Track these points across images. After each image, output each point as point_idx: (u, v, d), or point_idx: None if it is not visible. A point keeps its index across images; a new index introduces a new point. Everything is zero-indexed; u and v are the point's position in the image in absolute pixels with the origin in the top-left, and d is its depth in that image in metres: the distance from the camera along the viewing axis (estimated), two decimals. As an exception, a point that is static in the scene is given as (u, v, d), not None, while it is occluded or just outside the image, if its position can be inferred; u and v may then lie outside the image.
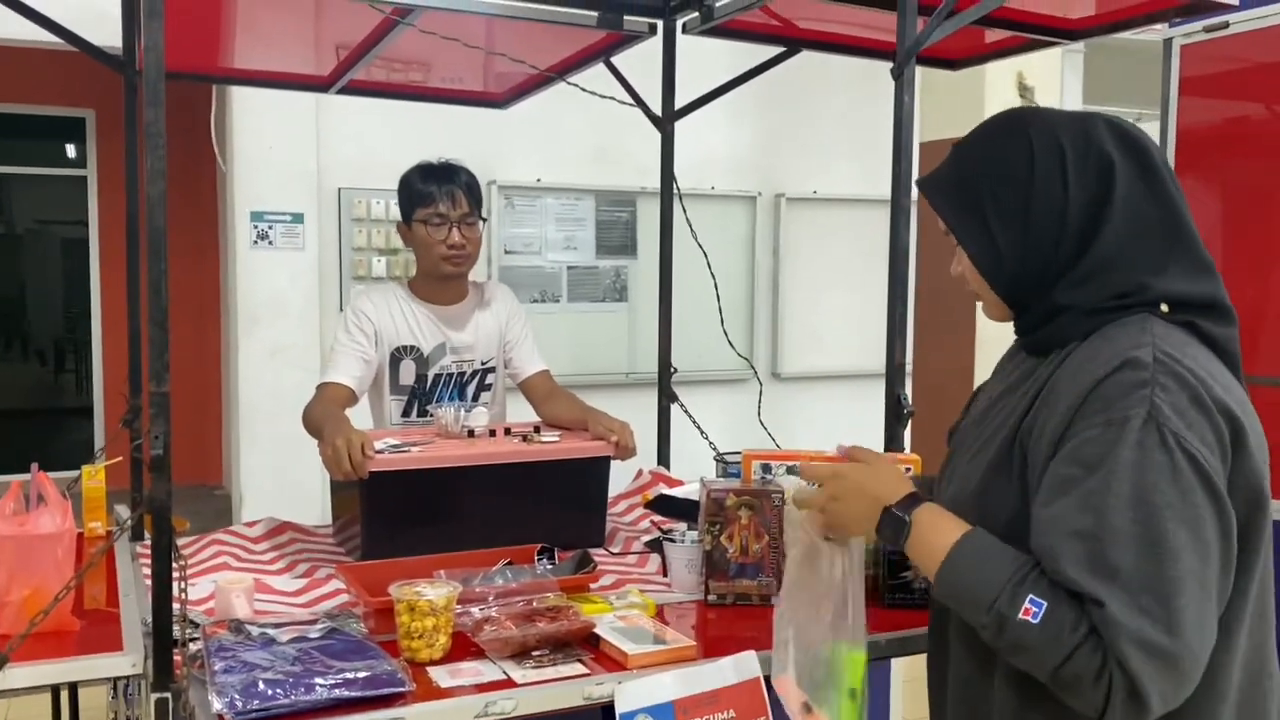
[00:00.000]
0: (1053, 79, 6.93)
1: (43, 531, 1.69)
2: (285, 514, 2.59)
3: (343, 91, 3.30)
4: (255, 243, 5.55)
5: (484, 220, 2.67)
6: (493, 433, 2.43)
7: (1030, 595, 1.14)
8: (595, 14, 2.62)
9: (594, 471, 2.40)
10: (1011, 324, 1.38)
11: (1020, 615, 1.14)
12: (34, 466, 1.84)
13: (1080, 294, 1.25)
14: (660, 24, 2.80)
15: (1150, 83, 3.44)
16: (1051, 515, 1.16)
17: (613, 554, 2.34)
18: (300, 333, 5.69)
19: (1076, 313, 1.25)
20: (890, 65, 2.09)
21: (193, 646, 1.56)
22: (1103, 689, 1.10)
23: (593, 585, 1.97)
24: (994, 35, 2.89)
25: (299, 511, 2.67)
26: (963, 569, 1.21)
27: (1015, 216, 1.27)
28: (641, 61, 2.90)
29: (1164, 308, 1.22)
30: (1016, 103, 7.26)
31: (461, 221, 2.57)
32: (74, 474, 2.40)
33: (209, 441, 7.22)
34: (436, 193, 2.56)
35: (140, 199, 2.59)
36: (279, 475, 5.53)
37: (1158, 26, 3.00)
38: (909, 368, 3.58)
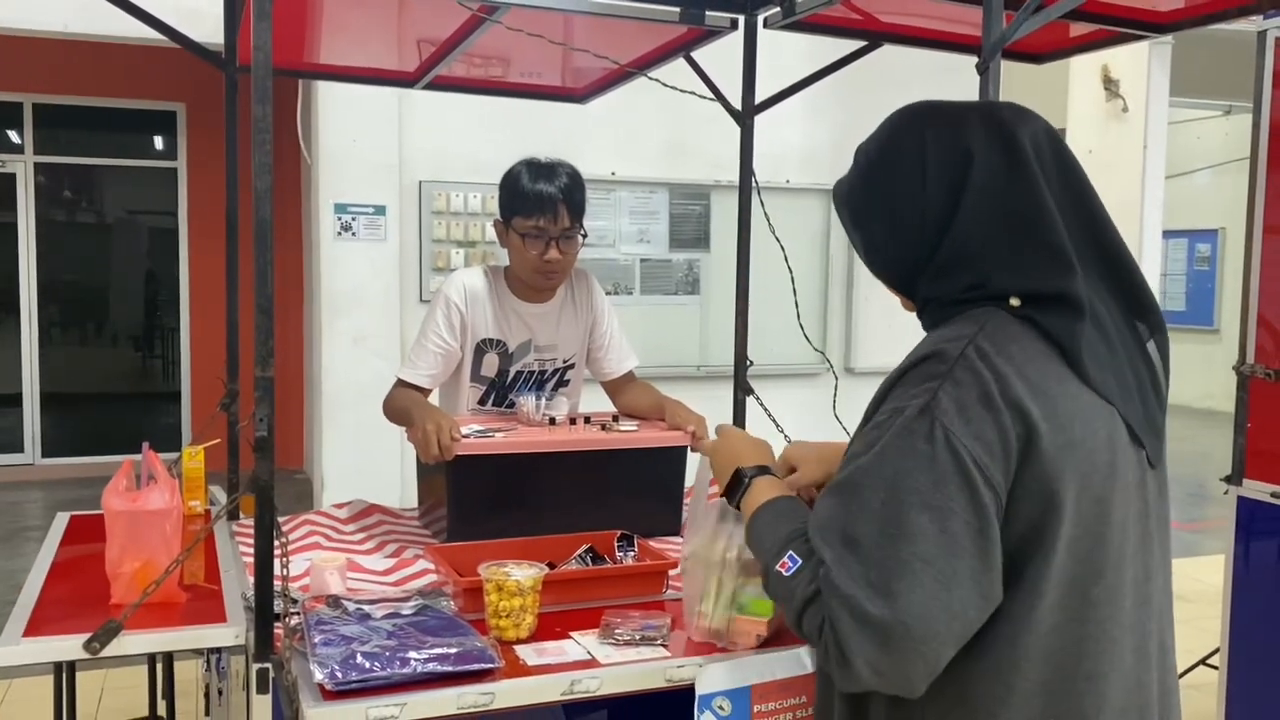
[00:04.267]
0: (1139, 71, 6.78)
1: (153, 508, 1.78)
2: (364, 498, 2.66)
3: (427, 87, 3.37)
4: (339, 234, 5.70)
5: (584, 235, 2.58)
6: (573, 421, 2.48)
7: (790, 552, 1.25)
8: (678, 9, 2.64)
9: (670, 460, 2.44)
10: None
11: (777, 567, 1.26)
12: (145, 446, 1.94)
13: (937, 287, 1.27)
14: (742, 19, 2.82)
15: (1240, 75, 3.36)
16: (828, 486, 1.24)
17: (690, 542, 2.37)
18: (381, 322, 5.83)
19: (936, 305, 1.28)
20: (971, 58, 2.09)
21: (293, 620, 1.63)
22: (823, 646, 1.17)
23: (671, 573, 2.02)
24: (1079, 29, 2.85)
25: (377, 496, 2.74)
26: (760, 524, 1.37)
27: (884, 211, 1.30)
28: (717, 55, 2.91)
29: (1014, 301, 1.22)
30: (1102, 95, 7.12)
31: (561, 237, 2.50)
32: (164, 456, 2.50)
33: (290, 427, 7.42)
34: (538, 205, 2.47)
35: (239, 191, 2.71)
36: (358, 460, 5.68)
37: (1251, 18, 2.93)
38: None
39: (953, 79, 3.86)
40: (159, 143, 8.28)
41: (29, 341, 7.97)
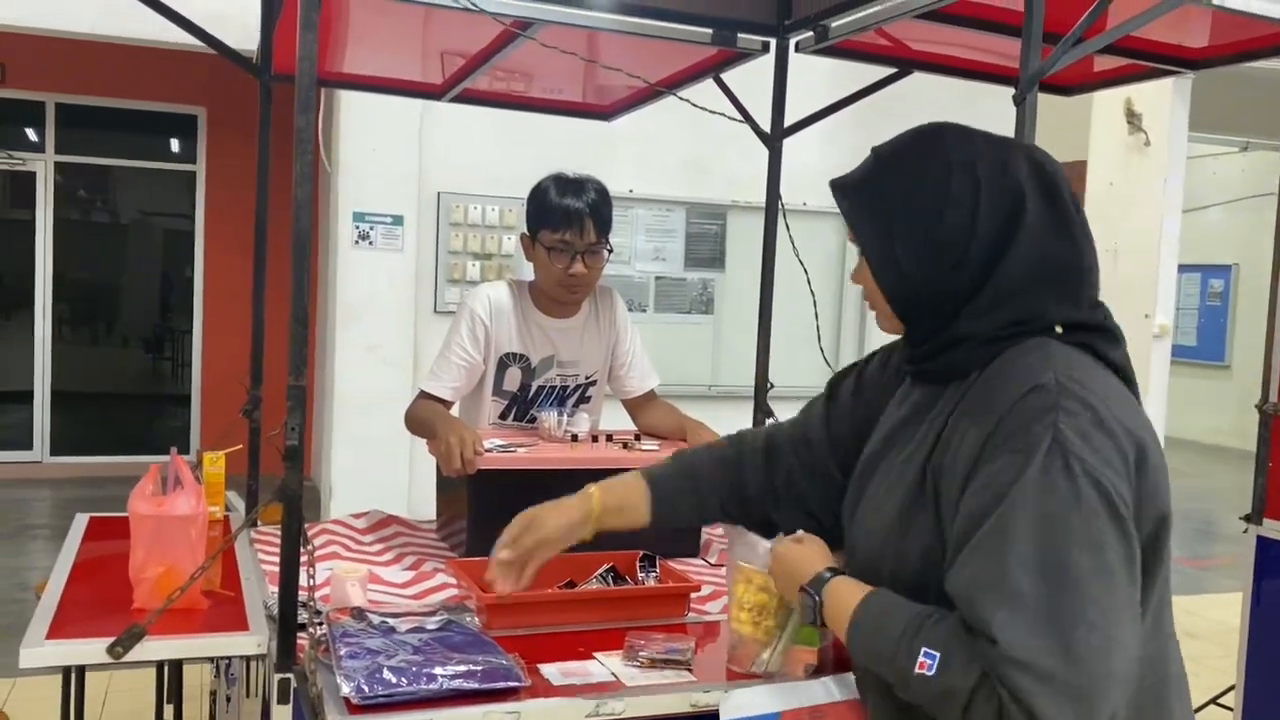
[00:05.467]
0: (1163, 105, 6.79)
1: (179, 513, 1.78)
2: (371, 507, 2.65)
3: (454, 100, 3.39)
4: (356, 242, 5.72)
5: (610, 250, 2.59)
6: (595, 438, 2.47)
7: (923, 648, 1.16)
8: (710, 31, 2.65)
9: (692, 482, 2.43)
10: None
11: (917, 670, 1.16)
12: (173, 451, 1.94)
13: (980, 323, 1.26)
14: (774, 42, 2.83)
15: (1259, 111, 3.37)
16: (964, 551, 1.16)
17: (710, 565, 2.37)
18: (394, 332, 5.83)
19: (974, 342, 1.26)
20: (1002, 89, 2.09)
21: (317, 631, 1.63)
22: (1008, 714, 1.09)
23: (692, 595, 2.01)
24: (1106, 62, 2.86)
25: (385, 505, 2.72)
26: (866, 631, 1.26)
27: (922, 236, 1.27)
28: (741, 75, 2.92)
29: (1058, 330, 1.24)
30: (1125, 128, 7.12)
31: (587, 251, 2.51)
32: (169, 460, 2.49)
33: (299, 433, 7.40)
34: (565, 219, 2.48)
35: (268, 197, 2.72)
36: (366, 469, 5.68)
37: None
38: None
39: (973, 106, 3.88)
40: (178, 145, 8.31)
41: (42, 339, 7.99)
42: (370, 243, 5.73)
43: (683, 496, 1.65)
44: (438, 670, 1.49)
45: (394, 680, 1.45)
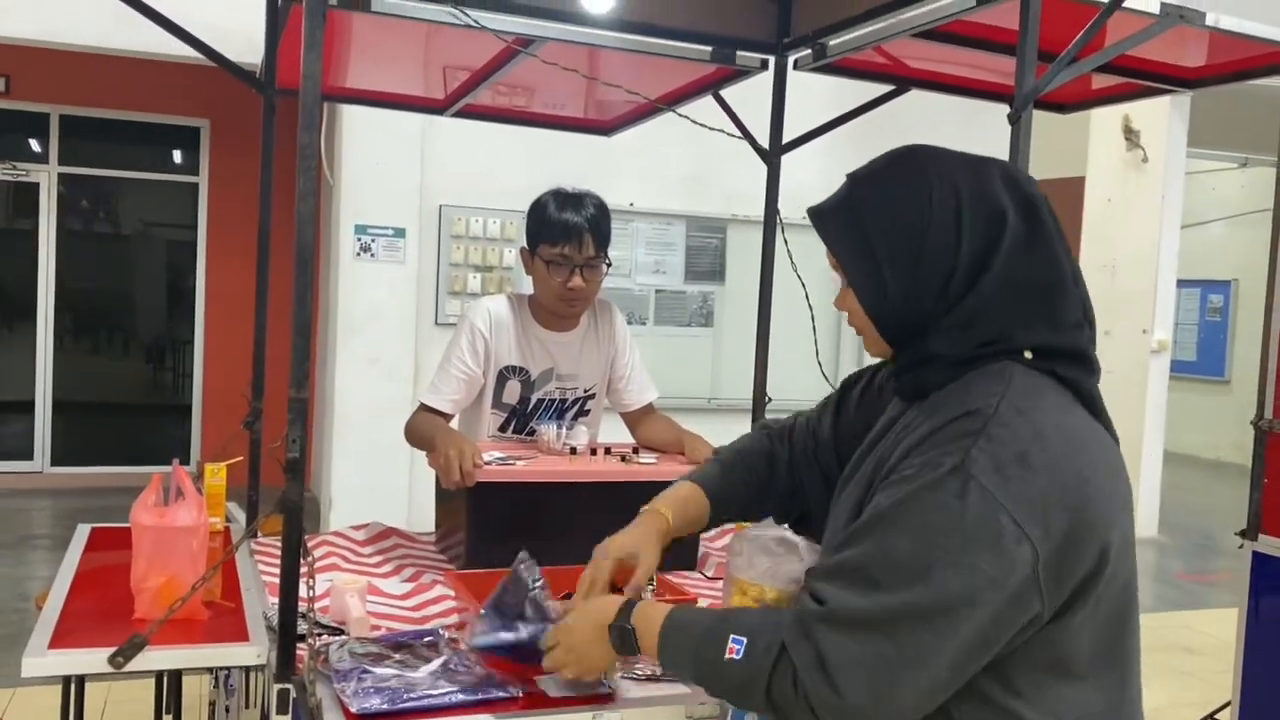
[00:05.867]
0: (1160, 122, 6.82)
1: (180, 524, 1.79)
2: (371, 519, 2.66)
3: (456, 115, 3.41)
4: (358, 255, 5.75)
5: (609, 264, 2.61)
6: (593, 451, 2.49)
7: (731, 635, 1.21)
8: (709, 49, 2.68)
9: (690, 495, 2.44)
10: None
11: (726, 656, 1.21)
12: (175, 462, 1.96)
13: (948, 342, 1.24)
14: (772, 60, 2.85)
15: (1257, 128, 3.40)
16: (846, 535, 1.20)
17: (706, 578, 2.38)
18: (396, 344, 5.86)
19: (944, 362, 1.26)
20: (998, 105, 2.12)
21: (317, 642, 1.64)
22: (802, 696, 1.13)
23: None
24: (1103, 81, 2.89)
25: (385, 517, 2.73)
26: (677, 632, 1.30)
27: (907, 260, 1.25)
28: (741, 90, 2.95)
29: (1027, 355, 1.23)
30: (1123, 144, 7.16)
31: (585, 265, 2.53)
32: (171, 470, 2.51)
33: (299, 444, 7.41)
34: (564, 233, 2.50)
35: (271, 210, 2.75)
36: (366, 481, 5.69)
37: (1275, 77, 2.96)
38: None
39: (972, 123, 3.91)
40: (181, 157, 8.35)
41: (44, 349, 8.01)
42: (372, 255, 5.76)
43: (734, 500, 1.66)
44: (440, 682, 1.50)
45: (392, 690, 1.47)
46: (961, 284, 1.23)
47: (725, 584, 1.55)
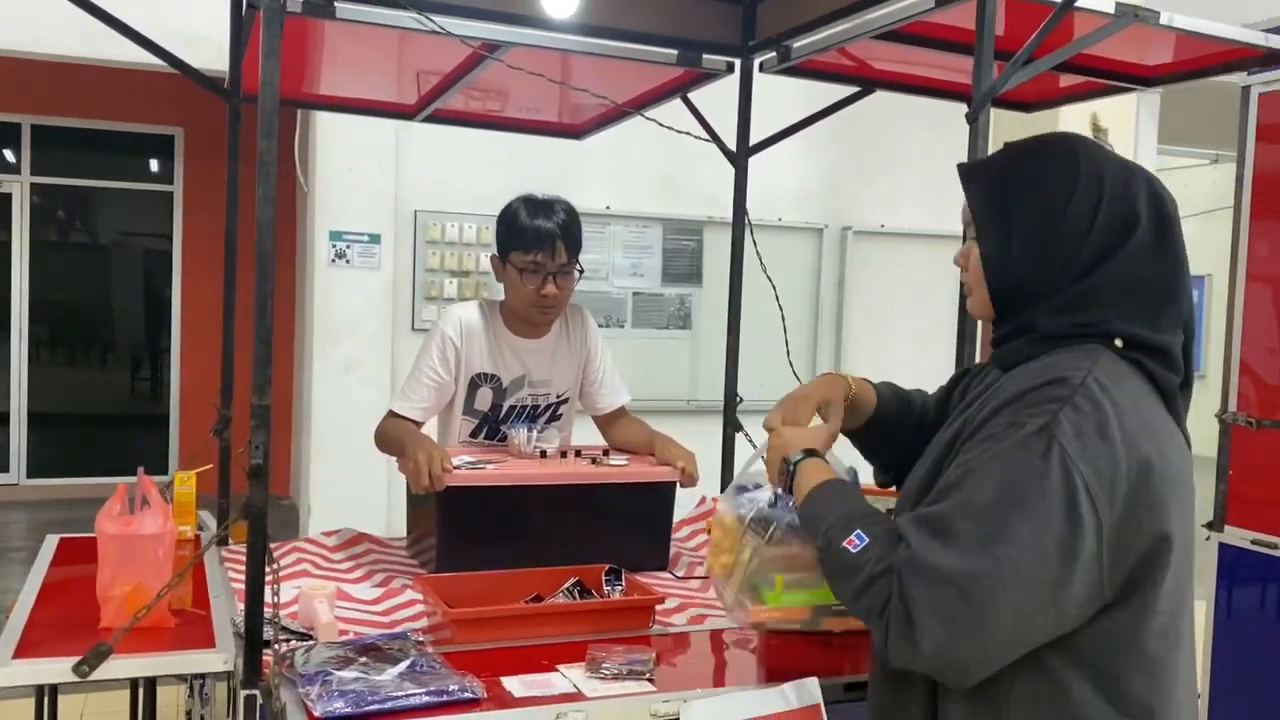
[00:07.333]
0: (1128, 120, 6.88)
1: (146, 532, 1.79)
2: (350, 526, 2.65)
3: (427, 120, 3.42)
4: (333, 261, 5.73)
5: (580, 271, 2.61)
6: (564, 454, 2.50)
7: (858, 530, 1.32)
8: (675, 52, 2.70)
9: (660, 496, 2.46)
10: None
11: (844, 543, 1.31)
12: (140, 471, 1.96)
13: (1050, 318, 1.33)
14: (738, 63, 2.87)
15: (1227, 125, 3.43)
16: (931, 493, 1.30)
17: (677, 578, 2.39)
18: (372, 350, 5.84)
19: (1037, 335, 1.34)
20: (963, 105, 2.14)
21: (282, 648, 1.64)
22: (885, 621, 1.23)
23: (658, 608, 2.03)
24: (1068, 80, 2.92)
25: (363, 524, 2.74)
26: (818, 501, 1.44)
27: (1038, 232, 1.34)
28: (713, 95, 2.96)
29: (1118, 342, 1.30)
30: (1089, 143, 7.19)
31: (558, 272, 2.52)
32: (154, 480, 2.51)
33: (277, 453, 7.39)
34: (536, 240, 2.50)
35: (239, 218, 2.74)
36: (345, 488, 5.67)
37: (1236, 73, 3.00)
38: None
39: (944, 122, 3.93)
40: (155, 166, 8.31)
41: (18, 361, 7.95)
42: (347, 261, 5.75)
43: (888, 419, 1.72)
44: (405, 684, 1.50)
45: (356, 693, 1.47)
46: (1079, 270, 1.31)
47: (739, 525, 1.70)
